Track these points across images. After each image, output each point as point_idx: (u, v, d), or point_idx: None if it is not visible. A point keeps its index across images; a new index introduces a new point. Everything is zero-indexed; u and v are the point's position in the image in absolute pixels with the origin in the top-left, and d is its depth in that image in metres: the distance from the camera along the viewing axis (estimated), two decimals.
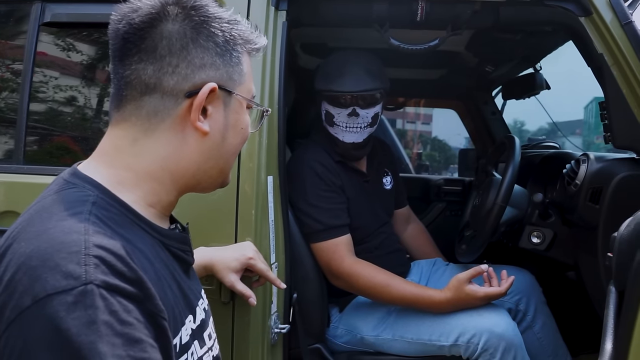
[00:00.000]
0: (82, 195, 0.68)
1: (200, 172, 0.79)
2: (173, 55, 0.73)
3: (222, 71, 0.76)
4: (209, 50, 0.74)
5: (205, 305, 0.85)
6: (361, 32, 1.62)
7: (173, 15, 0.73)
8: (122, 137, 0.75)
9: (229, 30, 0.76)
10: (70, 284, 0.57)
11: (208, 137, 0.76)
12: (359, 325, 1.61)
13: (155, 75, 0.73)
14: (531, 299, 1.72)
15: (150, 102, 0.73)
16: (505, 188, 1.56)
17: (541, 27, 1.62)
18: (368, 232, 1.72)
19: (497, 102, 2.78)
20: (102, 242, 0.61)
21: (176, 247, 0.78)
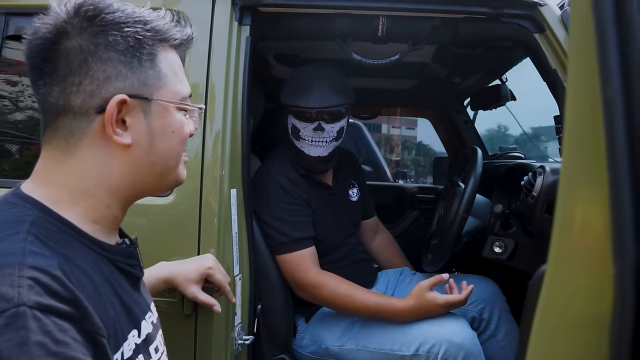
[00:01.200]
0: (21, 215, 0.68)
1: (137, 182, 0.78)
2: (74, 73, 0.70)
3: (132, 79, 0.73)
4: (111, 61, 0.72)
5: (154, 318, 0.85)
6: (332, 44, 1.65)
7: (70, 32, 0.70)
8: (49, 159, 0.74)
9: (132, 34, 0.73)
10: (2, 307, 0.57)
11: (133, 147, 0.75)
12: (323, 336, 1.63)
13: (62, 97, 0.71)
14: (494, 307, 1.74)
15: (64, 123, 0.72)
16: (466, 199, 1.59)
17: (499, 43, 1.66)
18: (333, 244, 1.73)
19: (470, 112, 2.83)
20: (37, 263, 0.62)
21: (122, 262, 0.78)
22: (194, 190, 1.35)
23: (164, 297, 1.29)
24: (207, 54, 1.39)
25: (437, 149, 15.36)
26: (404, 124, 25.36)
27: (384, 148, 18.25)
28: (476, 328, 1.72)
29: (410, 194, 3.00)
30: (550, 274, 0.60)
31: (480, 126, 2.89)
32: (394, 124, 23.30)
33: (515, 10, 1.42)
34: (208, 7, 1.41)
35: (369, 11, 1.50)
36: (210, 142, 1.37)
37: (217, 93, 1.39)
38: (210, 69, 1.38)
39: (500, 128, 20.45)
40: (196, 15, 1.40)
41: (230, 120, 1.40)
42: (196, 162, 1.36)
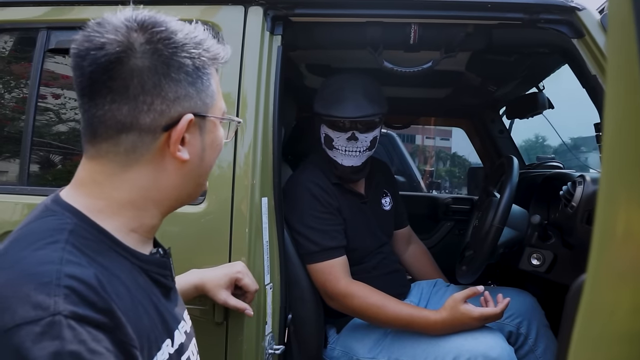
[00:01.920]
0: (60, 224, 0.69)
1: (183, 194, 0.81)
2: (147, 93, 0.72)
3: (196, 99, 0.76)
4: (181, 82, 0.74)
5: (187, 328, 0.86)
6: (364, 53, 1.64)
7: (141, 52, 0.71)
8: (100, 172, 0.75)
9: (197, 56, 0.75)
10: (38, 315, 0.58)
11: (187, 162, 0.77)
12: (355, 347, 1.60)
13: (131, 115, 0.72)
14: (532, 321, 1.69)
15: (127, 140, 0.73)
16: (502, 209, 1.54)
17: (535, 49, 1.62)
18: (365, 253, 1.71)
19: (506, 120, 2.77)
20: (74, 272, 0.62)
21: (155, 272, 0.79)
22: (226, 199, 1.36)
23: (195, 304, 1.30)
24: (239, 64, 1.40)
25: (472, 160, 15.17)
26: (438, 135, 25.12)
27: (417, 159, 18.08)
28: (513, 343, 1.66)
29: (444, 204, 2.95)
30: (590, 285, 0.57)
31: (517, 137, 2.82)
32: (428, 135, 23.10)
33: (552, 16, 1.38)
34: (240, 17, 1.43)
35: (401, 19, 1.49)
36: (242, 151, 1.38)
37: (249, 102, 1.40)
38: (242, 79, 1.40)
39: (537, 138, 19.94)
40: (228, 25, 1.42)
41: (261, 129, 1.40)
42: (228, 171, 1.37)
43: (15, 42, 1.62)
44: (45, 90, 1.55)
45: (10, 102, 1.62)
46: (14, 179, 1.53)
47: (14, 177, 1.53)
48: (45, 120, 1.57)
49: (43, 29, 1.52)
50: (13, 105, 1.61)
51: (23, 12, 1.55)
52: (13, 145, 1.57)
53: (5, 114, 1.61)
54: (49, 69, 1.55)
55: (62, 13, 1.52)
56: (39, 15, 1.54)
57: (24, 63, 1.59)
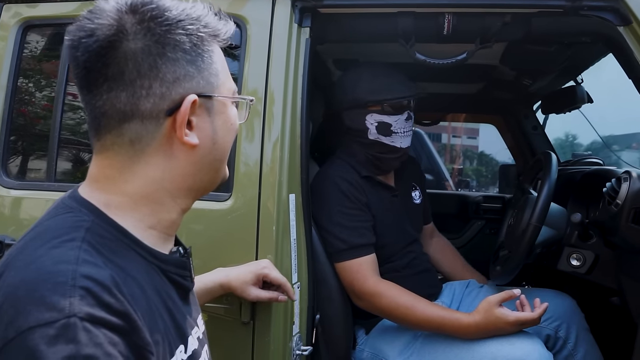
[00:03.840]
0: (77, 221, 0.66)
1: (197, 181, 0.76)
2: (143, 77, 0.68)
3: (198, 78, 0.72)
4: (178, 61, 0.70)
5: (200, 333, 0.82)
6: (393, 47, 1.59)
7: (132, 33, 0.67)
8: (109, 166, 0.72)
9: (195, 32, 0.71)
10: (53, 317, 0.56)
11: (198, 147, 0.73)
12: (384, 349, 1.55)
13: (130, 102, 0.68)
14: (572, 325, 1.62)
15: (131, 129, 0.69)
16: (540, 207, 1.48)
17: (577, 39, 1.54)
18: (395, 250, 1.67)
19: (539, 116, 2.68)
20: (90, 272, 0.60)
21: (174, 273, 0.75)
22: (252, 196, 1.33)
23: (222, 303, 1.27)
24: (267, 57, 1.37)
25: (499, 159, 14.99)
26: (465, 133, 24.82)
27: (444, 157, 17.91)
28: (552, 347, 1.59)
29: (474, 202, 2.87)
30: None
31: (547, 134, 2.73)
32: (455, 133, 22.85)
33: (596, 2, 1.31)
34: (268, 9, 1.39)
35: (434, 9, 1.43)
36: (269, 148, 1.35)
37: (276, 97, 1.37)
38: (269, 73, 1.37)
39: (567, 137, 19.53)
40: (255, 17, 1.39)
41: (289, 125, 1.37)
42: (255, 167, 1.34)
43: (43, 39, 1.62)
44: (73, 87, 1.55)
45: (38, 100, 1.62)
46: (42, 176, 1.53)
47: (42, 173, 1.53)
48: (73, 117, 1.57)
49: (71, 25, 1.51)
50: (41, 102, 1.62)
51: (51, 7, 1.54)
52: (41, 142, 1.57)
53: (34, 111, 1.61)
54: None
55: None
56: (66, 11, 1.53)
57: (51, 60, 1.59)
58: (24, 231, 1.49)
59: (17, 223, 1.48)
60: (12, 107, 1.54)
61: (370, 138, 1.65)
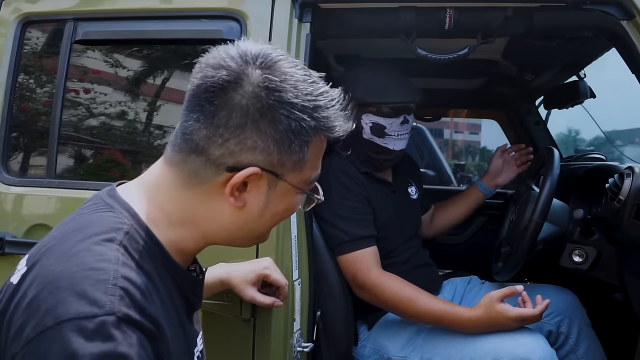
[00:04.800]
0: (117, 222, 0.68)
1: (231, 237, 0.78)
2: (228, 128, 0.69)
3: (274, 157, 0.71)
4: (266, 135, 0.70)
5: (199, 352, 0.83)
6: (395, 42, 1.59)
7: (247, 90, 0.69)
8: (166, 179, 0.75)
9: (299, 120, 0.70)
10: (93, 312, 0.57)
11: (244, 210, 0.74)
12: (386, 345, 1.55)
13: (205, 141, 0.70)
14: (574, 320, 1.61)
15: (194, 162, 0.72)
16: (542, 203, 1.47)
17: (579, 33, 1.53)
18: (396, 245, 1.67)
19: (541, 112, 2.66)
20: (130, 274, 0.62)
21: (188, 289, 0.77)
22: None
23: (222, 300, 1.27)
24: None
25: None
26: (467, 129, 24.77)
27: (446, 153, 17.86)
28: (553, 342, 1.59)
29: None
30: None
31: (550, 130, 2.71)
32: (457, 129, 22.81)
33: None
34: (268, 4, 1.38)
35: (435, 3, 1.42)
36: None
37: None
38: None
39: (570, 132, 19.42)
40: (256, 13, 1.39)
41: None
42: None
43: (42, 34, 1.61)
44: (72, 83, 1.55)
45: (37, 96, 1.62)
46: (42, 173, 1.53)
47: (42, 170, 1.53)
48: (72, 114, 1.57)
49: (70, 20, 1.50)
50: (41, 99, 1.61)
51: (49, 3, 1.54)
52: (41, 139, 1.56)
53: (33, 107, 1.61)
54: (75, 62, 1.54)
55: (89, 4, 1.51)
56: (65, 7, 1.53)
57: (51, 56, 1.59)
58: (24, 228, 1.48)
59: (17, 220, 1.48)
60: (12, 103, 1.54)
61: (364, 137, 1.65)
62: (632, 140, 15.74)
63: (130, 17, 1.47)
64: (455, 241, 2.75)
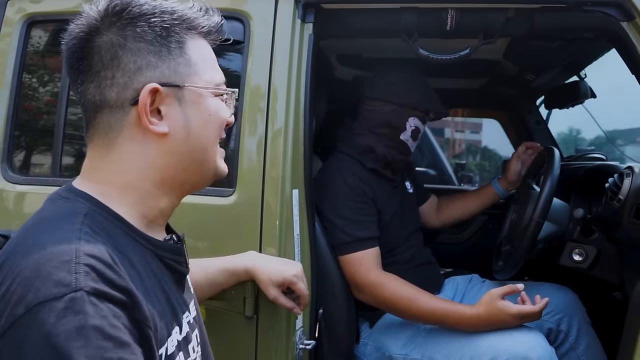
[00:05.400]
0: (75, 208, 0.70)
1: (180, 172, 0.78)
2: (107, 67, 0.72)
3: (162, 68, 0.73)
4: (140, 51, 0.72)
5: (191, 318, 0.84)
6: (397, 42, 1.60)
7: (100, 29, 0.72)
8: (93, 157, 0.76)
9: (159, 24, 0.73)
10: (60, 292, 0.58)
11: (170, 136, 0.75)
12: (387, 343, 1.57)
13: (98, 92, 0.72)
14: (574, 318, 1.63)
15: (102, 119, 0.74)
16: (542, 203, 1.48)
17: (580, 34, 1.54)
18: (399, 242, 1.69)
19: (542, 112, 2.67)
20: (92, 251, 0.63)
21: (169, 258, 0.79)
22: (256, 191, 1.33)
23: (225, 298, 1.28)
24: (270, 53, 1.37)
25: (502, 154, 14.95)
26: (468, 128, 24.73)
27: (447, 152, 17.84)
28: (553, 340, 1.61)
29: None
30: None
31: (551, 129, 2.72)
32: (458, 128, 22.77)
33: None
34: (271, 5, 1.39)
35: (437, 4, 1.43)
36: (272, 143, 1.35)
37: (279, 93, 1.37)
38: (272, 69, 1.37)
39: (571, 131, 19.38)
40: (259, 13, 1.39)
41: (292, 120, 1.37)
42: (258, 162, 1.35)
43: (47, 34, 1.62)
44: None
45: (43, 95, 1.63)
46: (46, 171, 1.54)
47: (47, 168, 1.54)
48: (77, 113, 1.58)
49: None
50: (46, 98, 1.62)
51: (55, 3, 1.55)
52: (46, 137, 1.58)
53: (38, 106, 1.62)
54: None
55: None
56: (70, 7, 1.53)
57: (56, 55, 1.60)
58: None
59: (22, 218, 1.48)
60: (17, 102, 1.55)
61: (401, 138, 1.68)
62: (633, 139, 15.67)
63: None
64: (456, 240, 2.77)
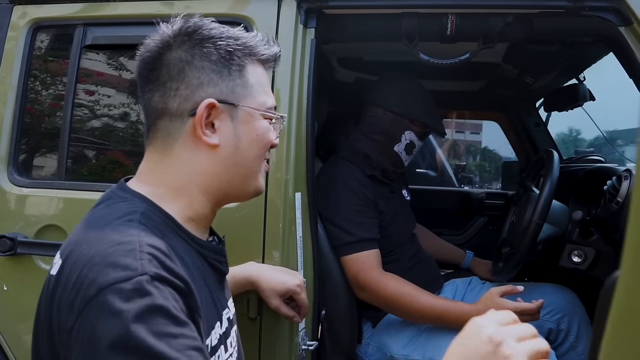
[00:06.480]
0: (132, 207, 0.77)
1: (224, 183, 0.85)
2: (173, 79, 0.80)
3: (222, 86, 0.82)
4: (204, 69, 0.81)
5: (230, 315, 0.91)
6: (397, 45, 1.61)
7: (175, 45, 0.81)
8: (149, 160, 0.84)
9: (224, 47, 0.82)
10: (128, 275, 0.65)
11: (220, 149, 0.83)
12: (389, 343, 1.58)
13: (162, 100, 0.81)
14: (574, 317, 1.65)
15: (162, 125, 0.82)
16: (542, 205, 1.50)
17: (578, 38, 1.56)
18: (399, 242, 1.72)
19: (542, 113, 2.68)
20: (153, 242, 0.70)
21: (212, 258, 0.86)
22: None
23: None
24: None
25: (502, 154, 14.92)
26: (468, 129, 24.68)
27: (447, 152, 17.80)
28: (553, 340, 1.62)
29: (477, 199, 2.89)
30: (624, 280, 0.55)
31: (550, 130, 2.74)
32: (458, 128, 22.73)
33: (597, 3, 1.32)
34: (274, 10, 1.41)
35: (437, 9, 1.45)
36: None
37: (282, 97, 1.38)
38: (275, 73, 1.38)
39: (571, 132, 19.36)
40: (262, 18, 1.41)
41: (295, 124, 1.39)
42: None
43: (52, 39, 1.64)
44: (82, 86, 1.57)
45: (48, 99, 1.64)
46: (52, 174, 1.56)
47: (53, 171, 1.55)
48: (82, 116, 1.59)
49: (80, 25, 1.53)
50: (51, 102, 1.64)
51: (60, 9, 1.57)
52: (51, 141, 1.59)
53: (43, 110, 1.64)
54: (85, 66, 1.57)
55: (99, 9, 1.54)
56: (75, 12, 1.55)
57: (61, 60, 1.61)
58: (35, 229, 1.50)
59: (29, 221, 1.51)
60: (23, 106, 1.57)
61: (395, 149, 1.70)
62: (633, 139, 15.57)
63: (139, 23, 1.50)
64: (456, 242, 2.78)
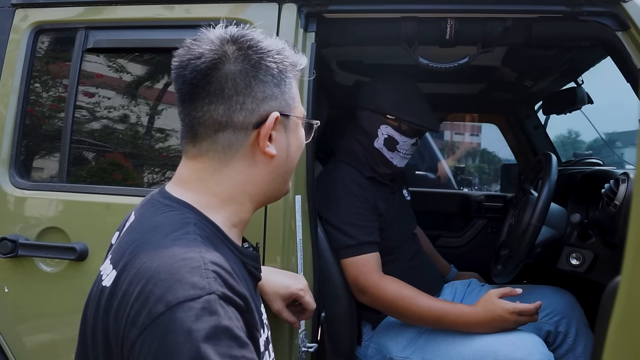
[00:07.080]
0: (183, 217, 0.78)
1: (271, 189, 0.90)
2: (239, 94, 0.81)
3: (281, 99, 0.85)
4: (267, 83, 0.83)
5: (265, 319, 0.92)
6: (397, 49, 1.62)
7: (233, 58, 0.81)
8: (202, 170, 0.84)
9: (281, 61, 0.85)
10: (197, 293, 0.66)
11: (275, 158, 0.86)
12: (388, 346, 1.59)
13: (226, 114, 0.81)
14: (572, 320, 1.65)
15: (224, 138, 0.83)
16: (540, 208, 1.51)
17: (576, 43, 1.57)
18: (400, 243, 1.73)
19: (540, 116, 2.70)
20: (215, 259, 0.71)
21: (251, 265, 0.88)
22: None
23: None
24: None
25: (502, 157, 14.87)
26: (467, 131, 24.70)
27: (446, 155, 17.82)
28: (552, 342, 1.63)
29: (476, 202, 2.90)
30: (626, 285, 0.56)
31: (549, 132, 2.75)
32: (457, 130, 22.76)
33: (595, 8, 1.34)
34: (274, 14, 1.42)
35: (437, 14, 1.46)
36: None
37: None
38: None
39: (570, 134, 19.36)
40: (262, 22, 1.42)
41: None
42: None
43: (54, 42, 1.65)
44: (84, 90, 1.58)
45: (49, 102, 1.65)
46: (54, 177, 1.57)
47: (54, 174, 1.56)
48: (84, 119, 1.60)
49: (81, 28, 1.54)
50: (52, 104, 1.65)
51: (61, 12, 1.58)
52: (53, 143, 1.60)
53: (45, 113, 1.65)
54: (86, 69, 1.57)
55: (100, 13, 1.54)
56: (77, 15, 1.56)
57: (62, 63, 1.62)
58: (37, 231, 1.50)
59: (30, 223, 1.52)
60: (25, 109, 1.58)
61: (375, 145, 1.70)
62: (632, 141, 15.57)
63: (141, 26, 1.51)
64: (455, 244, 2.79)
